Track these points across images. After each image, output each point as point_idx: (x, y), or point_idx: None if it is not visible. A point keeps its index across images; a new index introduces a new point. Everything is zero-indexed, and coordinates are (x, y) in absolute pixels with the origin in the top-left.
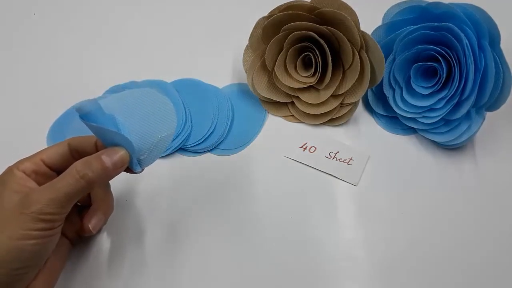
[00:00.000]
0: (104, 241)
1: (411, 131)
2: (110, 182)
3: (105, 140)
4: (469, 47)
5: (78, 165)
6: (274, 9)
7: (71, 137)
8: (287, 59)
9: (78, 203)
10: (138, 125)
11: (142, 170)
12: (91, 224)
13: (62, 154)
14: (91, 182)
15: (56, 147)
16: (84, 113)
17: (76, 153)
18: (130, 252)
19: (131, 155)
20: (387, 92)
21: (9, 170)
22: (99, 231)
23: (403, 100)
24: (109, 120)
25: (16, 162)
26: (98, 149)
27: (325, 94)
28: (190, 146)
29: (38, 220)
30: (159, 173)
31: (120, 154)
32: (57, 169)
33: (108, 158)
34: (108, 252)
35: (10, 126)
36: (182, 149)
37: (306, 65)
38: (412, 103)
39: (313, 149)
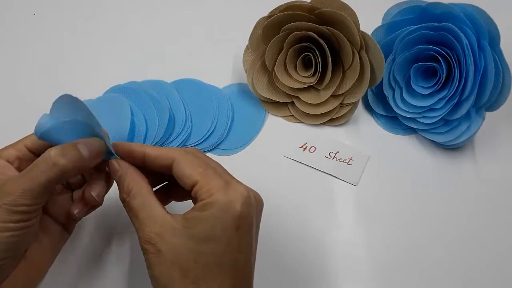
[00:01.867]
0: (102, 239)
1: (411, 131)
2: None
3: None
4: (469, 47)
5: (52, 151)
6: (274, 9)
7: None
8: (287, 59)
9: (73, 188)
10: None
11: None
12: (95, 191)
13: None
14: (65, 170)
15: None
16: (42, 133)
17: None
18: (129, 251)
19: (106, 145)
20: (387, 92)
21: None
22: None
23: (403, 100)
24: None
25: None
26: None
27: (325, 94)
28: (190, 146)
29: (12, 212)
30: None
31: (96, 143)
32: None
33: (85, 147)
34: (106, 250)
35: (10, 126)
36: None
37: (306, 65)
38: (412, 103)
39: (313, 149)
